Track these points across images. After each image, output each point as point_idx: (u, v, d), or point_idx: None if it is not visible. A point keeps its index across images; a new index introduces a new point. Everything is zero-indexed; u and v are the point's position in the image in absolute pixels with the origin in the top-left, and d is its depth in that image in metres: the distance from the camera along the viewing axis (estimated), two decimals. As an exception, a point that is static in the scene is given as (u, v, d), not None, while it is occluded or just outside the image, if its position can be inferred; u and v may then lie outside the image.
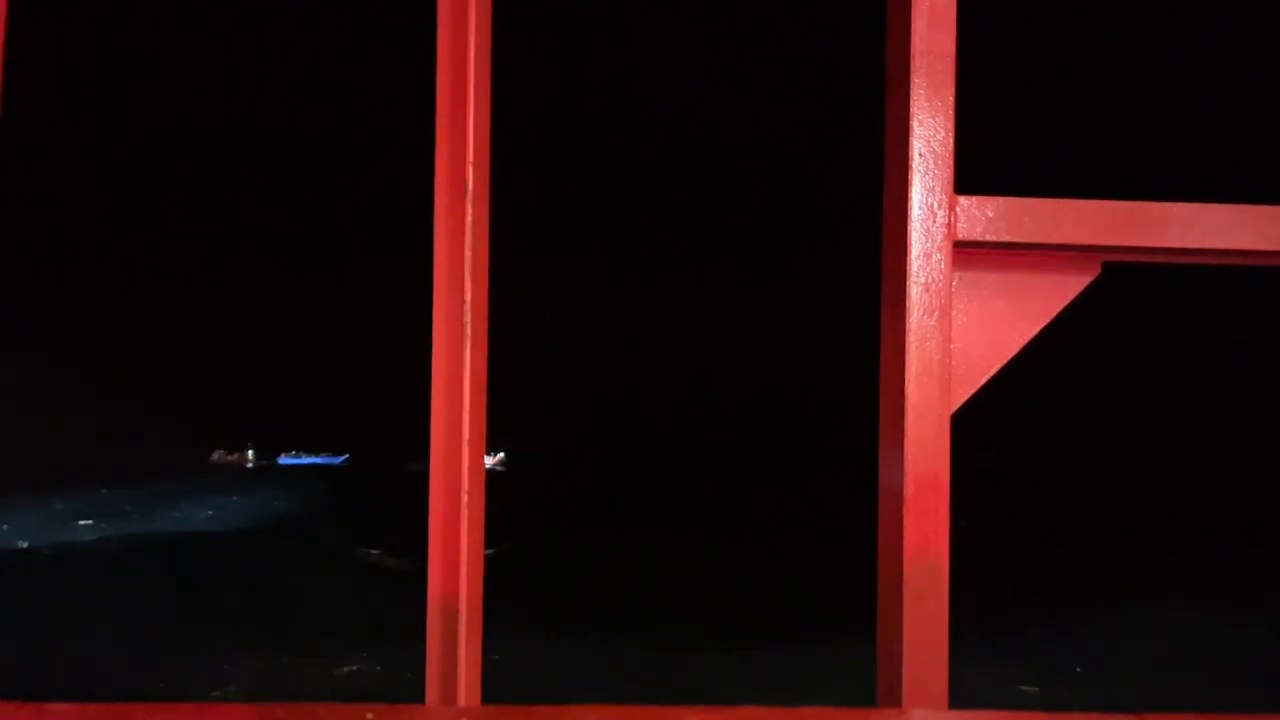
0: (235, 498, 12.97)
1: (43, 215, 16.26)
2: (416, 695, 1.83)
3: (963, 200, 1.71)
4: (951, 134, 1.71)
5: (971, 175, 1.84)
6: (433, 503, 1.82)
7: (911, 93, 1.69)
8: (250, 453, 18.26)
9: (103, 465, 14.91)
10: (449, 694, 1.77)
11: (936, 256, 1.70)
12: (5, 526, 10.10)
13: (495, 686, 1.94)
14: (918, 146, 1.70)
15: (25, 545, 9.19)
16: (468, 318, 1.79)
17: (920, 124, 1.70)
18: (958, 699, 1.66)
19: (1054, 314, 1.75)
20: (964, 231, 1.70)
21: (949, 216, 1.70)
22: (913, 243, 1.69)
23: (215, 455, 17.83)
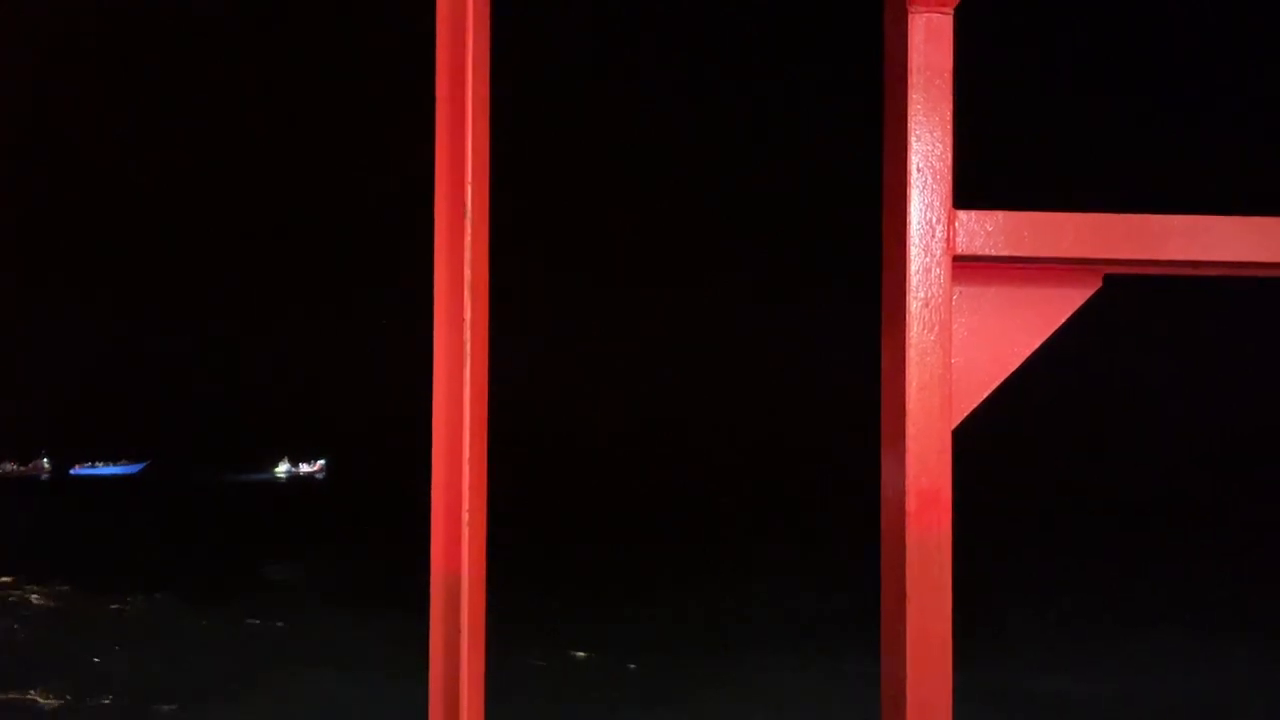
0: None
1: None
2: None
3: (962, 214, 1.70)
4: (950, 149, 1.70)
5: (971, 189, 1.84)
6: (434, 524, 1.80)
7: (909, 108, 1.69)
8: (45, 462, 18.00)
9: None
10: (451, 717, 1.76)
11: (936, 271, 1.69)
12: None
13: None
14: (915, 162, 1.70)
15: None
16: (467, 335, 1.79)
17: (918, 139, 1.70)
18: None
19: (1055, 328, 1.75)
20: (963, 246, 1.69)
21: (948, 231, 1.69)
22: (912, 258, 1.69)
23: (5, 467, 17.47)
